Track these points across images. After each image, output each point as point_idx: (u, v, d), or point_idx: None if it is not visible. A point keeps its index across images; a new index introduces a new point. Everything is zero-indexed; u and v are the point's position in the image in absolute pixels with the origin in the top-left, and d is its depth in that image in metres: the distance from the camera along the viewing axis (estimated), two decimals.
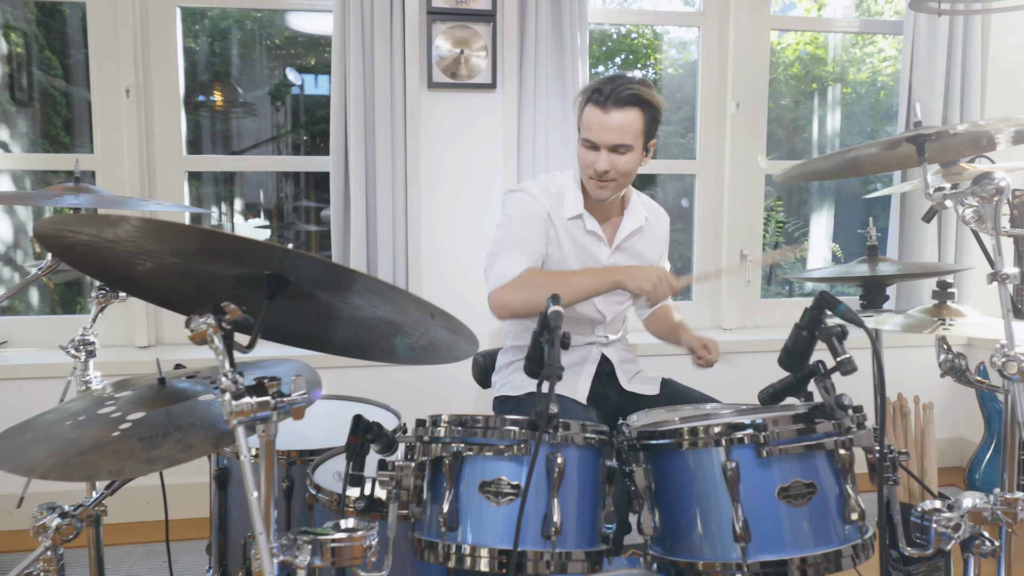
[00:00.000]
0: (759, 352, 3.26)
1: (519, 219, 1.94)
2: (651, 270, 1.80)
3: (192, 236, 0.91)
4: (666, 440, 1.14)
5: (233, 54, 3.52)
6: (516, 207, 1.96)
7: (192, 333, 0.93)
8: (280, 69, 3.58)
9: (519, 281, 1.83)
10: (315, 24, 3.41)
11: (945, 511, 1.12)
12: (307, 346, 1.34)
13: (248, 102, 3.56)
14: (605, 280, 1.81)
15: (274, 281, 1.04)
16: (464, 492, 1.08)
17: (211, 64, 3.44)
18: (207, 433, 1.14)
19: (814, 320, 1.11)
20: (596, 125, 1.84)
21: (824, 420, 1.09)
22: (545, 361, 1.02)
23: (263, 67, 3.59)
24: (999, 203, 1.12)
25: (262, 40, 3.54)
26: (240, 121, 3.55)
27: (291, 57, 3.56)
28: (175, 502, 2.84)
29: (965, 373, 1.34)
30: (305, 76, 3.58)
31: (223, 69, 3.49)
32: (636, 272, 1.80)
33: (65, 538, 1.19)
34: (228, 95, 3.53)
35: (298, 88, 3.57)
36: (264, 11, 3.37)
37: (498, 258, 1.90)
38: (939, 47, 3.22)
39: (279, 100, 3.56)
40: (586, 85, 1.92)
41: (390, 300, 1.01)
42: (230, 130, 3.52)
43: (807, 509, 1.07)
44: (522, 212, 1.94)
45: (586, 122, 1.87)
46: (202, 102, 3.44)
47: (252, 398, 0.91)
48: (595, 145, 1.86)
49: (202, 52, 3.40)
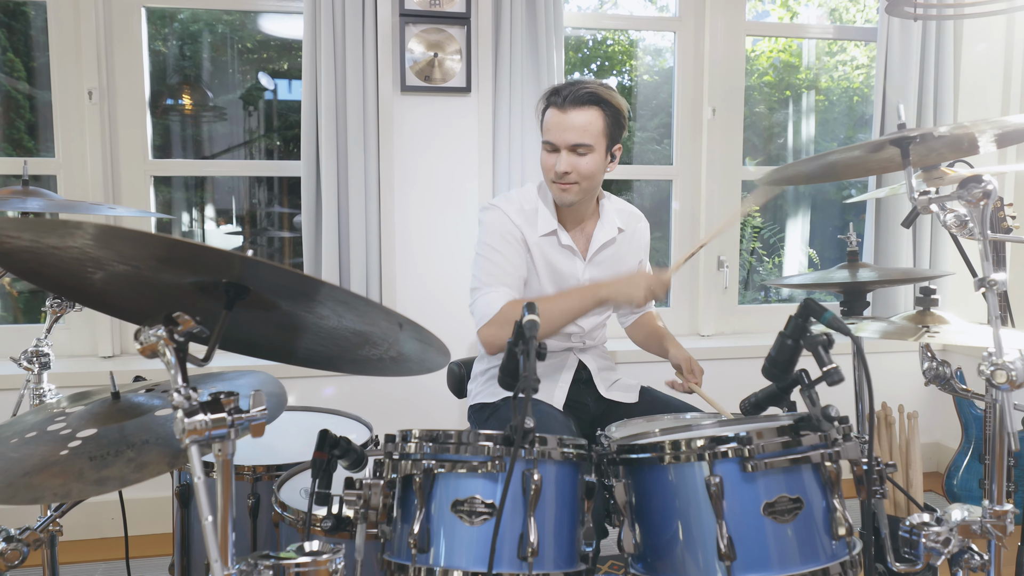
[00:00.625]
0: (737, 359, 3.24)
1: (495, 244, 1.90)
2: (637, 278, 1.76)
3: (142, 242, 0.85)
4: (647, 454, 1.09)
5: (204, 58, 3.44)
6: (491, 229, 1.92)
7: (142, 346, 0.87)
8: (252, 74, 3.51)
9: (503, 316, 1.80)
10: (287, 28, 3.34)
11: (934, 525, 1.08)
12: (271, 357, 1.28)
13: (218, 106, 3.48)
14: (590, 299, 1.77)
15: (232, 290, 0.98)
16: (436, 511, 1.02)
17: (181, 68, 3.35)
18: (163, 451, 1.07)
19: (799, 328, 1.07)
20: (554, 125, 1.81)
21: (810, 432, 1.05)
22: (520, 373, 0.97)
23: (235, 71, 3.52)
24: (986, 207, 1.09)
25: (234, 44, 3.46)
26: (211, 126, 3.47)
27: (263, 61, 3.49)
28: (139, 517, 2.75)
29: (950, 381, 1.32)
30: (278, 81, 3.51)
31: (193, 73, 3.41)
32: (622, 285, 1.76)
33: (10, 564, 1.12)
34: (198, 99, 3.45)
35: (271, 93, 3.50)
36: (235, 14, 3.29)
37: (480, 294, 1.87)
38: (912, 54, 3.23)
39: (251, 105, 3.49)
40: (550, 88, 1.89)
41: (356, 310, 0.96)
42: (201, 135, 3.44)
43: (793, 525, 1.03)
44: (496, 236, 1.91)
45: (546, 124, 1.85)
46: (171, 106, 3.35)
47: (206, 415, 0.85)
48: (555, 146, 1.83)
49: (171, 56, 3.32)
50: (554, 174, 1.84)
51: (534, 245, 1.92)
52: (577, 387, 1.98)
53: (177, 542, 1.66)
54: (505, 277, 1.86)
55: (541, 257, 1.93)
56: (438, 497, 1.02)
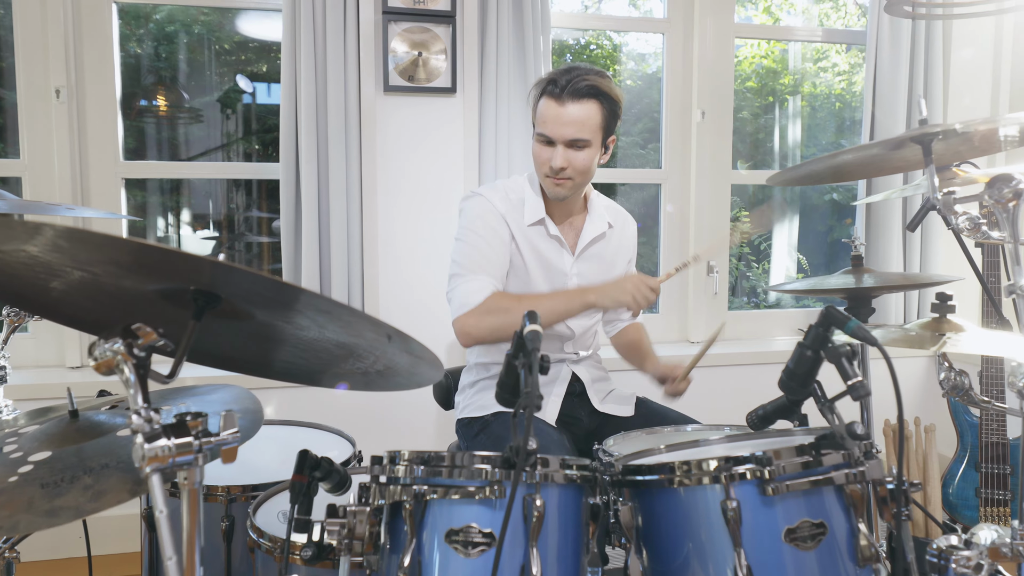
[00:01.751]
0: (728, 365, 3.18)
1: (479, 232, 1.80)
2: (626, 281, 1.68)
3: (97, 245, 0.75)
4: (656, 476, 1.00)
5: (180, 59, 3.32)
6: (475, 216, 1.82)
7: (96, 362, 0.77)
8: (230, 76, 3.40)
9: (484, 307, 1.70)
10: (266, 29, 3.24)
11: (963, 548, 1.01)
12: (245, 371, 1.18)
13: (195, 108, 3.37)
14: (577, 302, 1.69)
15: (202, 298, 0.88)
16: (428, 542, 0.93)
17: (156, 69, 3.24)
18: (124, 477, 0.97)
19: (820, 338, 0.99)
20: (551, 119, 1.72)
21: (832, 451, 0.97)
22: (521, 388, 0.88)
23: (212, 73, 3.40)
24: (1017, 208, 1.02)
25: (211, 45, 3.35)
26: (187, 128, 3.35)
27: (242, 63, 3.39)
28: (105, 536, 2.61)
29: (969, 392, 1.24)
30: (257, 84, 3.40)
31: (169, 74, 3.29)
32: (610, 289, 1.68)
33: None
34: (173, 100, 3.33)
35: (249, 96, 3.39)
36: (212, 15, 3.18)
37: (461, 281, 1.76)
38: (902, 58, 3.20)
39: (229, 108, 3.38)
40: (544, 76, 1.79)
41: (339, 320, 0.87)
42: (177, 138, 3.32)
43: (816, 552, 0.95)
44: (481, 223, 1.81)
45: (541, 115, 1.75)
46: (146, 107, 3.23)
47: (170, 439, 0.75)
48: (550, 140, 1.74)
49: (146, 56, 3.20)
50: (549, 169, 1.75)
51: (520, 235, 1.83)
52: (570, 400, 1.89)
53: (145, 567, 1.55)
54: (487, 265, 1.77)
55: (529, 246, 1.84)
56: (430, 526, 0.93)
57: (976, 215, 1.21)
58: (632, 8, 3.65)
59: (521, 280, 1.84)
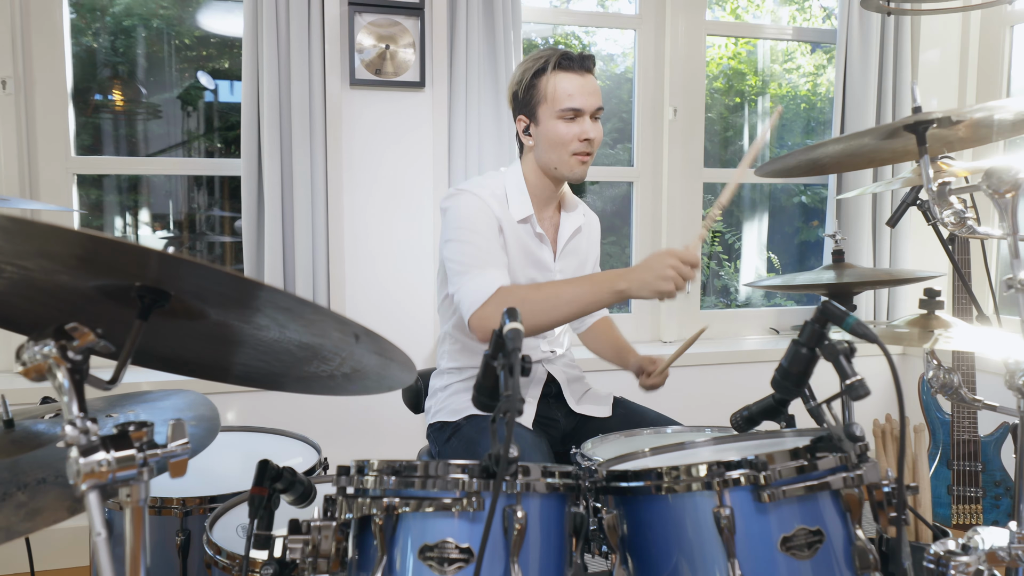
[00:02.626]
0: (701, 365, 3.15)
1: (476, 228, 1.69)
2: (658, 262, 1.48)
3: (28, 235, 0.67)
4: (642, 482, 0.94)
5: (138, 54, 3.19)
6: (468, 214, 1.71)
7: (25, 367, 0.68)
8: (191, 72, 3.28)
9: (500, 299, 1.58)
10: (228, 24, 3.13)
11: (961, 554, 0.96)
12: (201, 375, 1.10)
13: (152, 103, 3.24)
14: (607, 291, 1.53)
15: (148, 295, 0.80)
16: (400, 559, 0.85)
17: (112, 63, 3.10)
18: (62, 492, 0.88)
19: (816, 336, 0.94)
20: (578, 90, 1.68)
21: (828, 453, 0.92)
22: (501, 391, 0.82)
23: (172, 69, 3.28)
24: (1016, 199, 0.99)
25: (171, 40, 3.23)
26: (146, 125, 3.22)
27: (203, 59, 3.27)
28: (48, 550, 2.47)
29: (958, 390, 1.21)
30: (220, 81, 3.28)
31: (126, 69, 3.16)
32: (644, 273, 1.49)
33: None
34: (130, 95, 3.20)
35: (211, 93, 3.28)
36: (171, 7, 3.05)
37: (467, 278, 1.64)
38: (871, 56, 3.21)
39: (190, 104, 3.26)
40: (529, 58, 1.74)
41: (302, 319, 0.79)
42: (136, 135, 3.19)
43: (813, 562, 0.89)
44: (475, 219, 1.70)
45: (562, 91, 1.68)
46: (101, 103, 3.10)
47: (109, 452, 0.67)
48: (579, 111, 1.69)
49: (102, 50, 3.07)
50: (580, 144, 1.69)
51: (510, 230, 1.75)
52: (546, 402, 1.83)
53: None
54: (491, 259, 1.67)
55: (517, 243, 1.76)
56: (402, 541, 0.85)
57: (962, 209, 1.18)
58: (599, 7, 3.61)
59: (515, 280, 1.76)
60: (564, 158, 1.72)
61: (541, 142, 1.73)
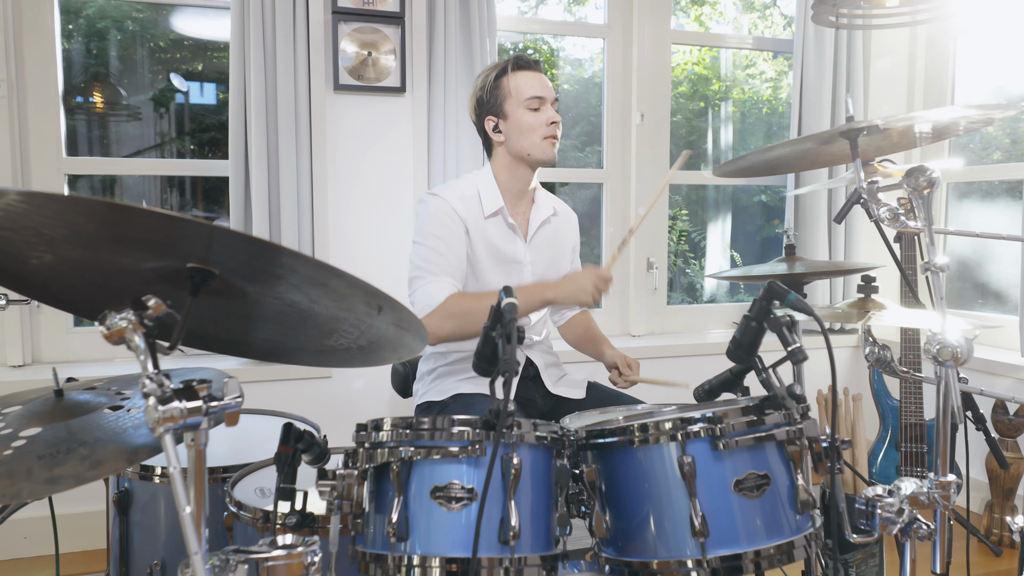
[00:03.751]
0: (668, 357, 3.32)
1: (437, 232, 1.88)
2: (580, 277, 1.79)
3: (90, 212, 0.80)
4: (616, 438, 1.10)
5: (112, 56, 3.27)
6: (432, 217, 1.90)
7: (108, 331, 0.82)
8: (164, 74, 3.36)
9: (446, 309, 1.80)
10: (203, 27, 3.22)
11: (888, 497, 1.14)
12: (226, 350, 1.23)
13: (132, 105, 3.32)
14: (536, 299, 1.80)
15: (198, 275, 0.94)
16: (414, 499, 1.00)
17: (87, 65, 3.18)
18: (118, 448, 1.02)
19: (763, 310, 1.11)
20: (537, 83, 1.92)
21: (774, 411, 1.08)
22: (500, 357, 0.97)
23: (146, 71, 3.35)
24: (931, 195, 1.16)
25: (145, 43, 3.31)
26: (120, 126, 3.29)
27: (176, 62, 3.34)
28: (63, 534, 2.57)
29: (891, 364, 1.39)
30: (193, 83, 3.37)
31: (102, 71, 3.24)
32: (567, 285, 1.80)
33: None
34: (109, 97, 3.28)
35: (183, 96, 3.36)
36: (146, 11, 3.14)
37: (421, 283, 1.85)
38: (826, 66, 3.42)
39: (163, 106, 3.34)
40: (486, 68, 1.98)
41: (333, 293, 0.93)
42: (109, 136, 3.26)
43: (761, 501, 1.06)
44: (438, 224, 1.89)
45: (524, 85, 1.91)
46: (80, 104, 3.17)
47: (182, 403, 0.81)
48: (543, 99, 1.91)
49: (77, 52, 3.14)
50: (547, 127, 1.91)
51: (477, 230, 1.92)
52: (525, 384, 1.99)
53: (115, 553, 1.56)
54: (446, 266, 1.86)
55: (483, 240, 1.93)
56: (415, 484, 1.01)
57: (895, 206, 1.36)
58: (568, 14, 3.77)
59: (479, 275, 1.93)
60: (537, 142, 1.92)
61: (512, 133, 1.91)
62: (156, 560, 1.52)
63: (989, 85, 3.50)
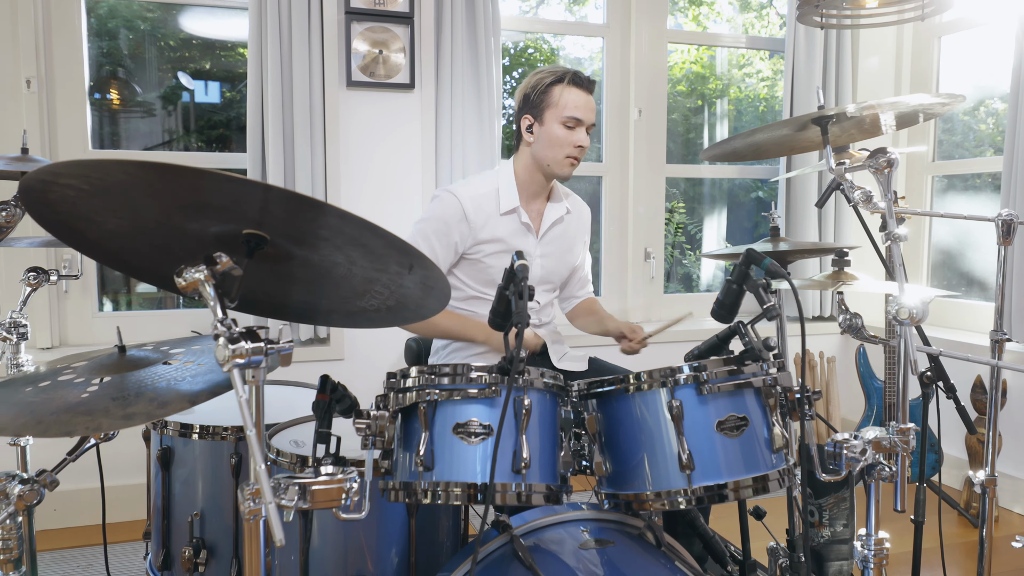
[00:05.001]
0: (664, 343, 3.45)
1: (428, 234, 2.04)
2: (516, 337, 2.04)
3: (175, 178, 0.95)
4: (614, 387, 1.25)
5: (123, 55, 3.41)
6: (433, 218, 2.06)
7: (185, 283, 0.97)
8: (173, 72, 3.49)
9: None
10: (211, 27, 3.35)
11: (852, 440, 1.29)
12: (263, 312, 1.37)
13: (146, 102, 3.46)
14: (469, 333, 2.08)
15: (252, 239, 1.09)
16: (439, 434, 1.16)
17: (101, 63, 3.31)
18: (180, 394, 1.17)
19: (742, 274, 1.26)
20: (583, 105, 2.02)
21: (752, 362, 1.24)
22: (513, 311, 1.12)
23: (155, 70, 3.49)
24: (891, 174, 1.32)
25: (154, 42, 3.45)
26: (132, 122, 3.41)
27: (184, 60, 3.48)
28: (90, 507, 2.73)
29: (861, 330, 1.54)
30: (202, 82, 3.50)
31: (112, 69, 3.37)
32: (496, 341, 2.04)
33: (29, 503, 1.18)
34: (125, 94, 3.42)
35: (188, 94, 3.49)
36: (157, 11, 3.27)
37: None
38: (816, 64, 3.57)
39: (171, 104, 3.48)
40: (545, 69, 2.06)
41: (371, 253, 1.08)
42: (119, 131, 3.40)
43: (740, 440, 1.21)
44: (436, 225, 2.04)
45: (570, 102, 2.00)
46: (97, 100, 3.31)
47: (247, 343, 0.96)
48: (580, 122, 2.01)
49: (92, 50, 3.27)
50: (574, 149, 2.02)
51: (488, 226, 2.06)
52: (532, 360, 2.14)
53: (157, 506, 1.72)
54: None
55: (493, 236, 2.07)
56: (440, 422, 1.16)
57: (868, 189, 1.51)
58: (568, 13, 3.92)
59: (483, 270, 2.08)
60: (559, 158, 2.04)
61: (541, 140, 2.04)
62: (196, 511, 1.67)
63: (971, 81, 3.66)
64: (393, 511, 1.45)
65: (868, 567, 1.33)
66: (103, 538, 1.75)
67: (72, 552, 2.60)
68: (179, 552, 1.68)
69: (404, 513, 1.45)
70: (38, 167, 0.96)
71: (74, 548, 2.62)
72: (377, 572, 1.43)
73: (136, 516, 2.74)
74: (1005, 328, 1.64)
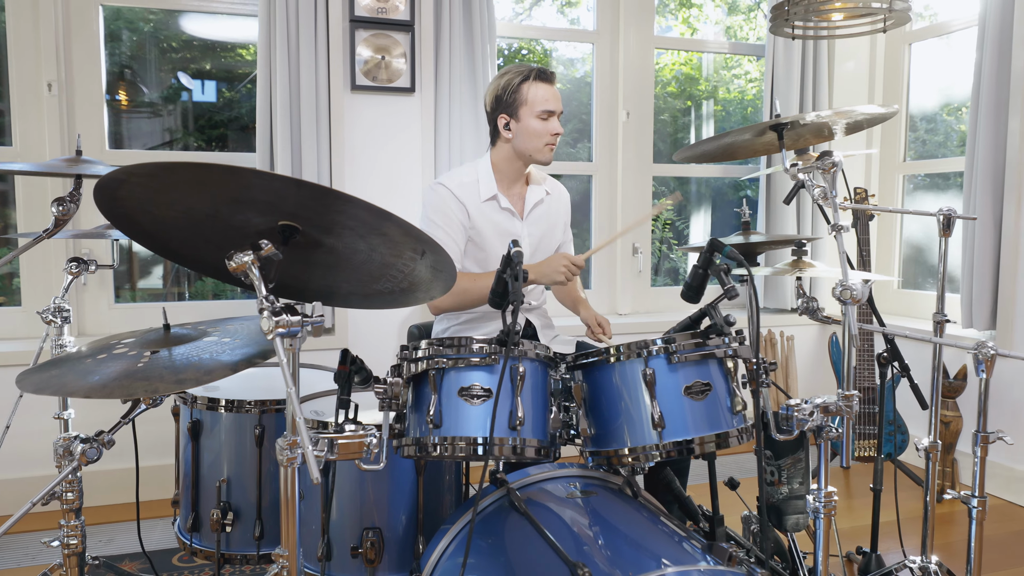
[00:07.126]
0: (651, 333, 3.67)
1: (436, 220, 2.24)
2: (556, 260, 2.15)
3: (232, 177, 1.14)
4: (597, 358, 1.45)
5: (128, 56, 3.55)
6: (434, 206, 2.26)
7: (235, 266, 1.16)
8: (173, 73, 3.62)
9: None
10: (212, 29, 3.48)
11: (803, 404, 1.48)
12: (287, 295, 1.55)
13: (154, 102, 3.60)
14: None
15: (287, 230, 1.27)
16: (446, 397, 1.35)
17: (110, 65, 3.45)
18: (222, 364, 1.36)
19: (706, 260, 1.46)
20: (552, 96, 2.25)
21: (715, 335, 1.43)
22: (510, 291, 1.31)
23: (156, 71, 3.62)
24: (835, 173, 1.51)
25: (157, 43, 3.59)
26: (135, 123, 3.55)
27: (185, 61, 3.62)
28: (115, 488, 2.91)
29: (817, 312, 1.73)
30: (201, 82, 3.64)
31: (116, 71, 3.52)
32: (545, 268, 2.15)
33: (90, 459, 1.36)
34: (133, 95, 3.56)
35: (186, 94, 3.61)
36: (159, 14, 3.43)
37: None
38: (794, 70, 3.77)
39: (171, 104, 3.62)
40: (511, 69, 2.26)
41: (388, 240, 1.27)
42: (122, 131, 3.54)
43: (704, 403, 1.41)
44: (437, 211, 2.25)
45: (540, 96, 2.23)
46: (108, 101, 3.45)
47: (288, 316, 1.14)
48: (552, 112, 2.24)
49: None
50: (551, 136, 2.23)
51: (477, 212, 2.27)
52: (526, 335, 2.34)
53: (187, 474, 1.90)
54: (446, 248, 2.21)
55: (486, 220, 2.29)
56: (447, 386, 1.35)
57: (825, 186, 1.71)
58: (560, 15, 4.10)
59: (487, 249, 2.28)
60: (539, 147, 2.27)
61: (521, 135, 2.25)
62: (223, 477, 1.85)
63: (937, 85, 3.87)
64: (402, 471, 1.64)
65: (819, 516, 1.52)
66: (136, 497, 1.93)
67: (100, 527, 2.78)
68: (207, 515, 1.86)
69: (412, 472, 1.64)
70: (95, 168, 1.15)
71: (100, 524, 2.80)
72: (389, 525, 1.63)
73: (152, 496, 2.93)
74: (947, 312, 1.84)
